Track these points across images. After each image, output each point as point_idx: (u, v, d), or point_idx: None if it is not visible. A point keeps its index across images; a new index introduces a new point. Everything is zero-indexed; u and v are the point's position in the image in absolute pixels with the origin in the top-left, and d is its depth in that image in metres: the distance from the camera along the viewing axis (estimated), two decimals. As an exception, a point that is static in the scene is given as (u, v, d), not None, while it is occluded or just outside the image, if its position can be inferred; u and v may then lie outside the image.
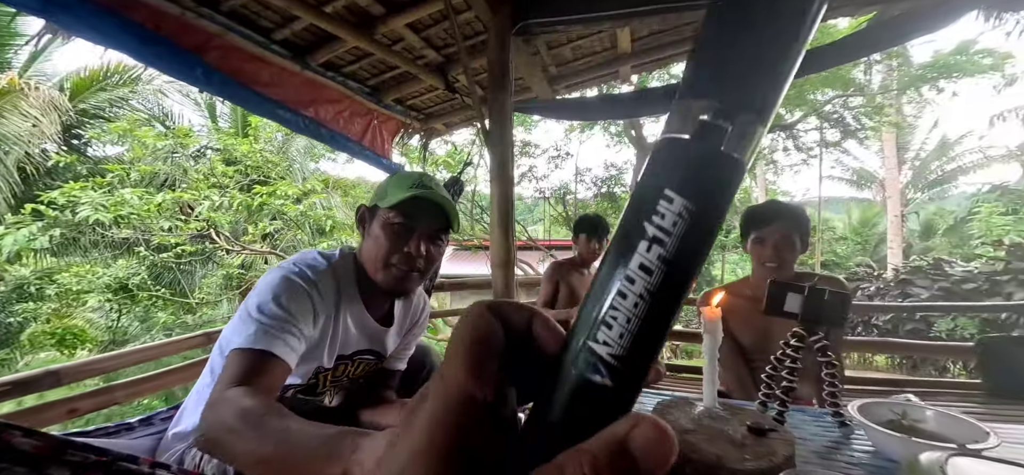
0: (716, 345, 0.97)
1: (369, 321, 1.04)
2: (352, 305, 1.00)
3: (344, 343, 1.01)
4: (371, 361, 1.10)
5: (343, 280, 0.98)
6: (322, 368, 0.97)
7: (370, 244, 0.98)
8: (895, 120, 9.68)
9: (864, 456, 0.97)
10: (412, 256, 0.95)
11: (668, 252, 0.16)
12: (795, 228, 1.42)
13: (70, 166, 6.85)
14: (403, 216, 0.94)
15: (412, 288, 1.02)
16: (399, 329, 1.15)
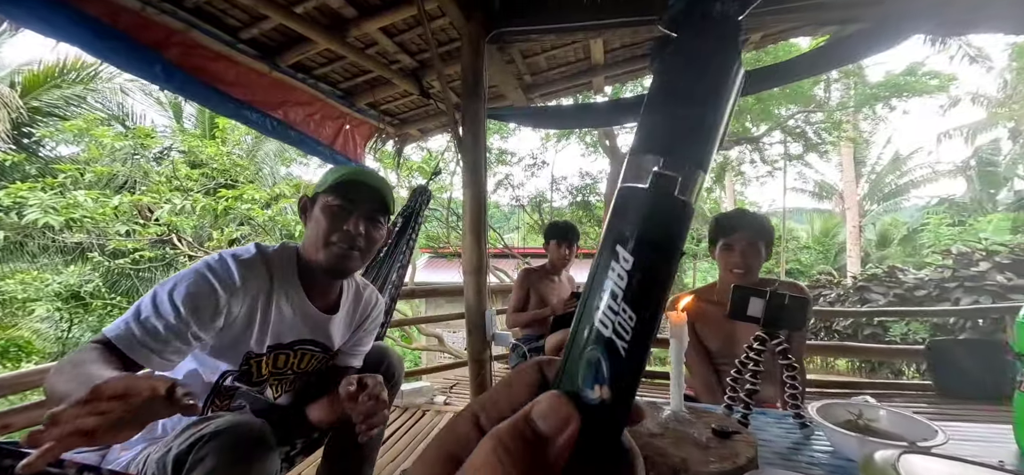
0: (682, 349, 0.99)
1: (310, 309, 1.05)
2: (290, 292, 1.02)
3: (279, 331, 1.01)
4: (317, 353, 1.10)
5: (279, 268, 1.01)
6: (253, 354, 0.98)
7: (311, 228, 1.02)
8: (852, 136, 10.24)
9: (823, 456, 1.00)
10: (351, 235, 1.00)
11: (637, 287, 0.18)
12: (760, 236, 1.47)
13: (18, 166, 6.44)
14: (341, 198, 1.00)
15: (353, 267, 1.05)
16: (347, 321, 1.16)
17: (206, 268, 0.91)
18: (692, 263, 17.99)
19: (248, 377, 1.01)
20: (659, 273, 0.18)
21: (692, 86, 0.19)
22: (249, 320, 0.96)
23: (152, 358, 0.82)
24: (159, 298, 0.85)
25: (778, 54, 5.07)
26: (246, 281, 0.93)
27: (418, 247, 11.27)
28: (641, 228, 0.18)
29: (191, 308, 0.85)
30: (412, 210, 2.10)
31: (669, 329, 0.99)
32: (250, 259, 0.97)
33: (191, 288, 0.87)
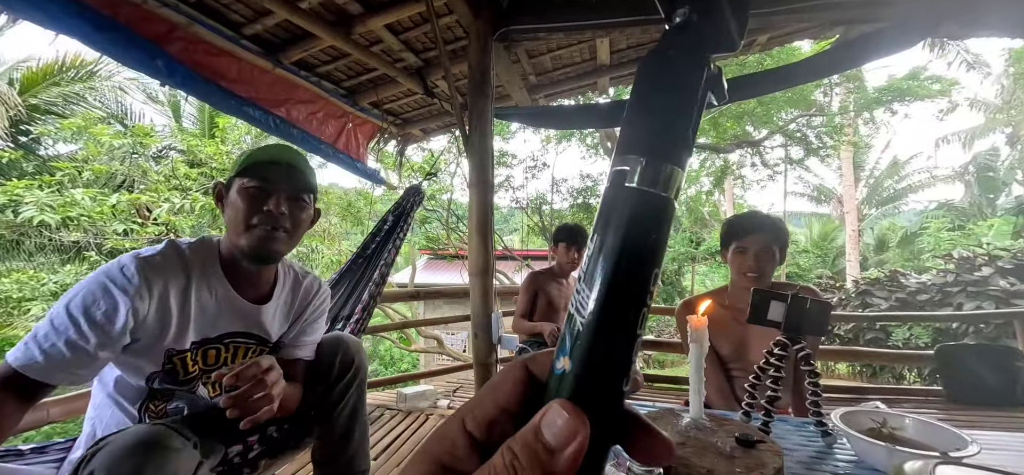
0: (703, 354, 0.96)
1: (237, 300, 1.01)
2: (212, 284, 0.98)
3: (202, 325, 0.97)
4: (252, 345, 1.06)
5: (197, 261, 0.97)
6: (174, 351, 0.94)
7: (229, 214, 0.97)
8: (853, 140, 10.25)
9: (848, 465, 0.96)
10: (273, 215, 0.95)
11: (626, 273, 0.19)
12: (775, 239, 1.44)
13: (15, 163, 6.38)
14: (258, 179, 0.95)
15: (279, 249, 1.00)
16: (285, 310, 1.11)
17: (103, 274, 0.86)
18: (690, 266, 17.99)
19: (174, 376, 0.96)
20: (623, 255, 0.19)
21: (665, 86, 0.21)
22: (162, 317, 0.91)
23: (59, 377, 0.80)
24: (56, 314, 0.82)
25: (781, 58, 5.07)
26: (149, 279, 0.88)
27: (417, 248, 11.24)
28: (624, 223, 0.20)
29: (88, 320, 0.81)
30: (403, 209, 2.05)
31: (689, 333, 0.95)
32: (156, 255, 0.92)
33: (87, 299, 0.83)
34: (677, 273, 18.12)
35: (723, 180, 10.91)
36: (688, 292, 17.38)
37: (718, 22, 0.22)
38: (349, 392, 1.14)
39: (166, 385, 0.96)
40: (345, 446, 1.16)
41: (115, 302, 0.84)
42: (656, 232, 0.20)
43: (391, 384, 3.10)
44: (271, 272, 1.09)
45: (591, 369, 0.19)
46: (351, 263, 1.98)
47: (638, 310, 0.19)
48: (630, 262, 0.19)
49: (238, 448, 1.02)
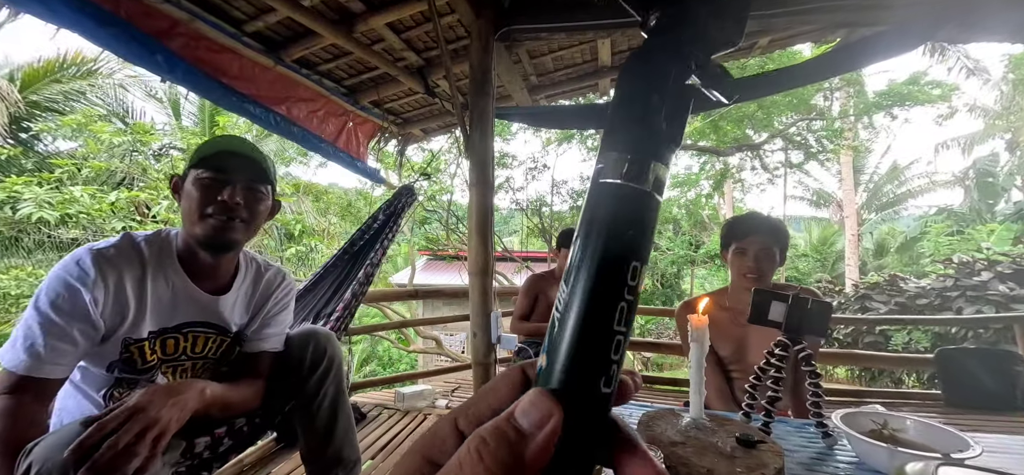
0: (703, 354, 0.95)
1: (194, 290, 1.02)
2: (168, 274, 0.99)
3: (159, 314, 0.98)
4: (211, 334, 1.06)
5: (153, 252, 0.98)
6: (131, 340, 0.95)
7: (184, 204, 0.98)
8: (853, 144, 10.25)
9: (849, 467, 0.96)
10: (229, 205, 0.96)
11: (602, 268, 0.20)
12: (775, 241, 1.43)
13: (14, 160, 6.37)
14: (213, 170, 0.96)
15: (235, 237, 1.00)
16: (245, 302, 1.11)
17: (62, 269, 0.89)
18: (689, 269, 17.99)
19: (132, 365, 0.97)
20: (600, 250, 0.20)
21: (646, 90, 0.21)
22: (119, 307, 0.93)
23: (55, 370, 0.84)
24: (29, 316, 0.85)
25: (782, 61, 5.07)
26: (103, 271, 0.90)
27: (417, 248, 11.23)
28: (611, 219, 0.20)
29: (58, 312, 0.85)
30: (395, 209, 2.04)
31: (690, 333, 0.95)
32: (110, 247, 0.94)
33: (51, 295, 0.85)
34: (676, 276, 18.13)
35: (723, 183, 10.91)
36: (687, 295, 17.38)
37: (695, 23, 0.22)
38: (325, 384, 1.14)
39: (126, 373, 0.97)
40: (329, 439, 1.16)
41: (77, 292, 0.86)
42: (635, 226, 0.20)
43: (389, 383, 3.09)
44: (231, 263, 1.09)
45: (564, 363, 0.19)
46: (337, 259, 1.95)
47: (614, 304, 0.19)
48: (606, 256, 0.19)
49: (206, 440, 1.01)
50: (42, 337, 0.82)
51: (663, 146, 0.21)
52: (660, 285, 17.78)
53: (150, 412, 0.75)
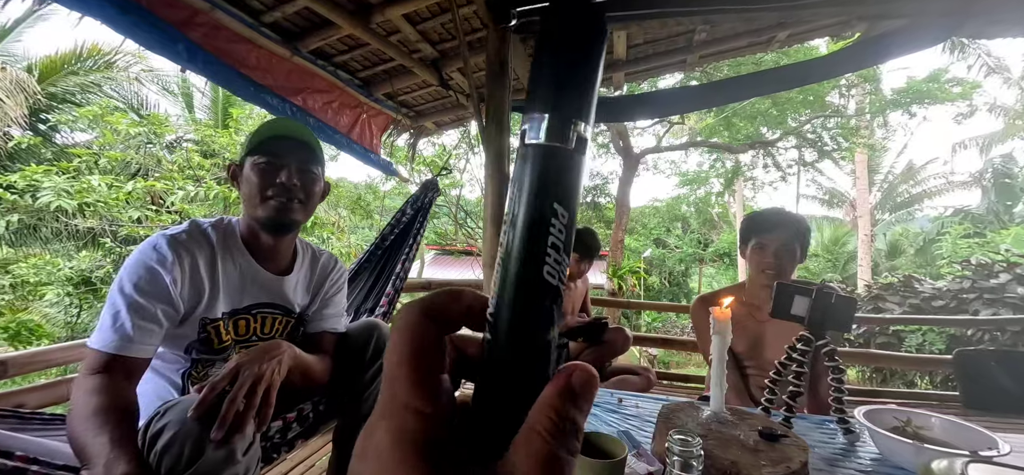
0: (725, 347, 0.95)
1: (261, 273, 1.06)
2: (235, 257, 1.04)
3: (231, 295, 1.03)
4: (278, 315, 1.10)
5: (220, 236, 1.02)
6: (208, 320, 0.99)
7: (246, 190, 1.02)
8: (870, 142, 10.07)
9: (871, 463, 0.95)
10: (287, 187, 1.01)
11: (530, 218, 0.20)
12: (796, 236, 1.41)
13: (34, 150, 6.49)
14: (268, 155, 1.00)
15: (295, 218, 1.04)
16: (305, 283, 1.16)
17: (140, 255, 0.92)
18: (697, 268, 17.86)
19: (209, 344, 1.01)
20: (524, 207, 0.21)
21: (561, 48, 0.21)
22: (195, 288, 0.97)
23: (142, 349, 0.87)
24: (114, 299, 0.88)
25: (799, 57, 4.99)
26: (178, 253, 0.94)
27: (425, 244, 11.27)
28: (538, 176, 0.21)
29: (141, 293, 0.88)
30: (421, 203, 2.07)
31: (712, 325, 0.94)
32: (182, 232, 0.98)
33: (133, 278, 0.89)
34: (684, 274, 18.02)
35: (733, 181, 10.80)
36: (695, 293, 17.27)
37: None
38: (380, 376, 1.15)
39: (203, 354, 1.01)
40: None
41: (158, 274, 0.90)
42: (557, 182, 0.21)
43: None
44: (290, 246, 1.13)
45: (507, 313, 0.20)
46: (369, 255, 1.98)
47: (540, 252, 0.20)
48: (533, 209, 0.21)
49: (278, 424, 1.04)
50: (129, 318, 0.85)
51: (582, 104, 0.21)
52: (668, 283, 17.69)
53: (254, 368, 0.78)
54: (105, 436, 0.72)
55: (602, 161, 9.69)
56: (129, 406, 0.80)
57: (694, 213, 17.36)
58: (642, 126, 9.24)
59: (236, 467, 0.75)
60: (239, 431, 0.73)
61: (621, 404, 1.18)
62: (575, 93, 0.21)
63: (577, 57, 0.21)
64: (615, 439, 0.71)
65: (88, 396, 0.77)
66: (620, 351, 2.49)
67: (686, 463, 0.42)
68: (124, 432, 0.74)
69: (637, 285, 9.49)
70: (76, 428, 0.75)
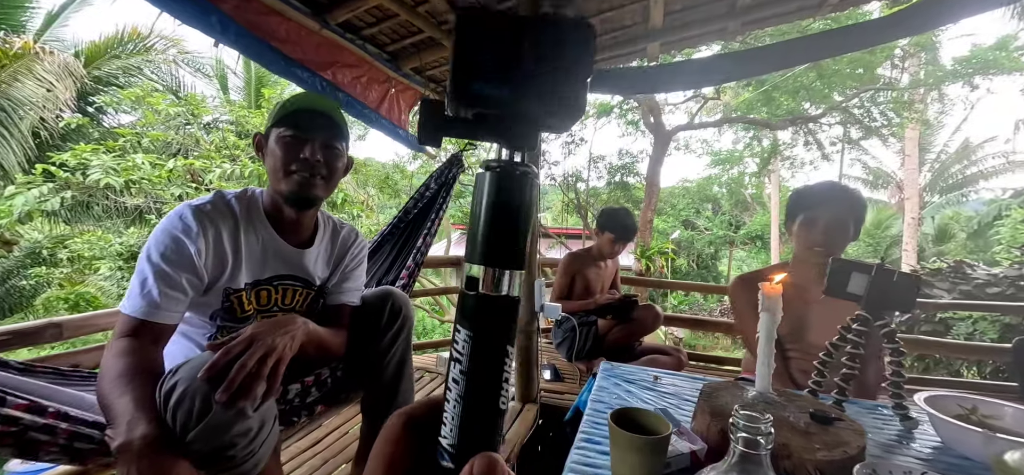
0: (775, 324, 0.89)
1: (282, 245, 1.07)
2: (258, 229, 1.05)
3: (254, 267, 1.04)
4: (299, 287, 1.12)
5: (245, 209, 1.04)
6: (231, 290, 1.01)
7: (270, 162, 1.03)
8: (924, 117, 9.31)
9: (932, 452, 0.88)
10: (310, 162, 1.00)
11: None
12: (849, 211, 1.31)
13: (83, 130, 6.83)
14: (293, 128, 1.00)
15: (317, 193, 1.05)
16: (326, 256, 1.17)
17: (167, 224, 0.94)
18: (727, 250, 17.32)
19: (233, 313, 1.03)
20: (479, 357, 0.25)
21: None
22: (219, 258, 0.98)
23: (169, 315, 0.90)
24: (142, 267, 0.90)
25: (850, 18, 4.63)
26: (203, 224, 0.95)
27: (452, 222, 11.34)
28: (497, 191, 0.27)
29: (168, 262, 0.90)
30: (445, 178, 2.04)
31: (761, 302, 0.89)
32: (206, 203, 0.99)
33: (160, 247, 0.91)
34: (713, 257, 17.54)
35: (770, 160, 10.30)
36: (724, 276, 16.81)
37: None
38: (397, 342, 1.18)
39: (227, 322, 1.03)
40: (393, 394, 1.20)
41: (183, 244, 0.91)
42: (507, 330, 0.26)
43: (433, 348, 3.17)
44: (311, 219, 1.13)
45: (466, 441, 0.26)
46: (392, 228, 1.98)
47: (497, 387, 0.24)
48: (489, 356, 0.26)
49: (297, 387, 1.07)
50: (156, 285, 0.88)
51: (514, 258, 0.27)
52: (696, 265, 17.28)
53: (267, 340, 0.79)
54: (128, 397, 0.74)
55: (631, 139, 9.43)
56: (154, 369, 0.82)
57: (726, 194, 16.78)
58: (674, 101, 8.91)
59: (248, 421, 0.76)
60: (245, 397, 0.74)
61: (657, 382, 1.14)
62: (507, 248, 0.25)
63: (509, 217, 0.26)
64: (658, 416, 0.68)
65: (116, 358, 0.80)
66: (650, 329, 2.44)
67: (753, 441, 0.38)
68: (147, 393, 0.76)
69: (665, 266, 9.29)
70: (103, 388, 0.77)
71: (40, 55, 6.44)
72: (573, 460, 0.76)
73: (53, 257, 6.84)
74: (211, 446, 0.73)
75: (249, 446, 0.77)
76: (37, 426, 0.74)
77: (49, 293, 6.83)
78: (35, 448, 0.74)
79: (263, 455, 0.82)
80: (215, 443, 0.73)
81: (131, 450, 0.68)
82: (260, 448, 0.80)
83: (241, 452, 0.76)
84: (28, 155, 6.46)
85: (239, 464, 0.77)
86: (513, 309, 0.24)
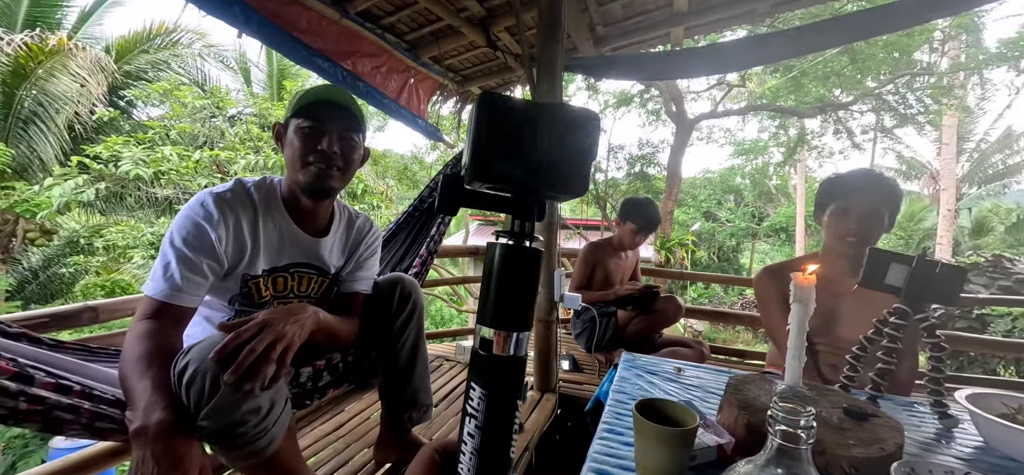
0: (806, 316, 0.86)
1: (299, 234, 1.09)
2: (276, 217, 1.07)
3: (272, 254, 1.06)
4: (314, 275, 1.14)
5: (263, 198, 1.05)
6: (250, 276, 1.03)
7: (289, 153, 1.04)
8: (964, 103, 8.78)
9: (973, 452, 0.84)
10: (327, 154, 1.02)
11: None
12: (885, 201, 1.25)
13: (115, 123, 7.07)
14: (312, 119, 1.01)
15: (333, 185, 1.06)
16: (341, 245, 1.19)
17: (188, 210, 0.96)
18: (750, 243, 16.90)
19: (250, 299, 1.05)
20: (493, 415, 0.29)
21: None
22: (238, 245, 1.00)
23: (189, 298, 0.92)
24: (165, 251, 0.93)
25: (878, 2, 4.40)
26: (223, 211, 0.97)
27: (469, 213, 11.37)
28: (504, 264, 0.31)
29: (189, 247, 0.92)
30: (460, 167, 2.03)
31: (793, 292, 0.86)
32: (228, 190, 1.01)
33: (182, 233, 0.93)
34: (735, 249, 17.14)
35: (796, 150, 9.96)
36: (746, 269, 16.44)
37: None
38: (408, 327, 1.20)
39: (245, 307, 1.06)
40: (408, 378, 1.23)
41: (204, 230, 0.94)
42: (517, 386, 0.30)
43: (451, 337, 3.20)
44: (327, 209, 1.15)
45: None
46: (407, 216, 1.99)
47: (508, 438, 0.27)
48: (500, 414, 0.29)
49: (309, 370, 1.09)
50: (178, 269, 0.90)
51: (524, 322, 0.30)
52: (716, 258, 16.92)
53: (277, 327, 0.81)
54: (147, 381, 0.76)
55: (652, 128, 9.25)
56: (173, 352, 0.84)
57: (749, 185, 16.35)
58: (697, 89, 8.68)
59: (258, 401, 0.78)
60: (252, 380, 0.75)
61: (680, 374, 1.11)
62: (516, 314, 0.28)
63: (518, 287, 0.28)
64: (684, 407, 0.66)
65: (137, 340, 0.83)
66: (672, 320, 2.40)
67: (792, 434, 0.36)
68: (164, 376, 0.78)
69: (686, 258, 9.14)
70: (125, 369, 0.80)
71: (73, 51, 6.67)
72: (595, 451, 0.75)
73: (90, 246, 7.13)
74: (221, 424, 0.75)
75: (260, 424, 0.80)
76: (62, 406, 0.77)
77: (87, 280, 7.13)
78: (59, 425, 0.77)
79: (276, 434, 0.84)
80: (224, 421, 0.75)
81: (146, 434, 0.70)
82: (273, 427, 0.82)
83: (252, 430, 0.78)
84: (64, 148, 6.72)
85: (251, 442, 0.79)
86: (522, 367, 0.27)
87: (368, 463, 1.39)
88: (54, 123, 6.56)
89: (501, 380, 0.27)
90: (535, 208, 0.28)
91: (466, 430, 0.27)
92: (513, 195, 0.28)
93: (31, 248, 7.03)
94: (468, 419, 0.27)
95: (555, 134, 0.26)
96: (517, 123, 0.26)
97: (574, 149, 0.27)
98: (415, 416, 1.28)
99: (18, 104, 6.31)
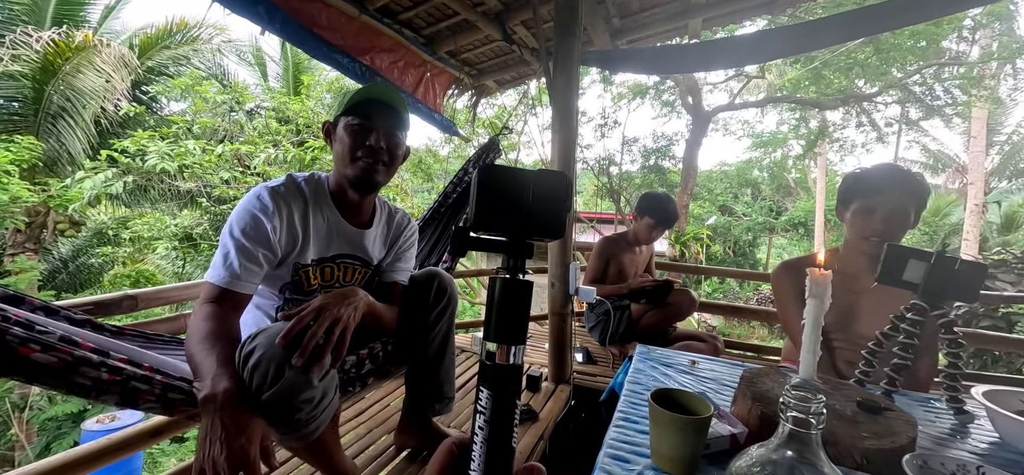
0: (823, 310, 0.87)
1: (345, 226, 1.15)
2: (324, 211, 1.13)
3: (320, 245, 1.12)
4: (358, 266, 1.20)
5: (313, 192, 1.11)
6: (300, 265, 1.09)
7: (338, 148, 1.10)
8: (995, 95, 8.42)
9: (989, 448, 0.85)
10: (374, 150, 1.08)
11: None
12: (911, 200, 1.21)
13: (139, 118, 7.26)
14: (361, 117, 1.07)
15: (379, 179, 1.12)
16: (383, 237, 1.26)
17: (246, 203, 1.02)
18: (767, 237, 16.61)
19: (299, 287, 1.11)
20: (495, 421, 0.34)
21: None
22: (291, 235, 1.06)
23: (247, 286, 0.98)
24: (225, 241, 0.99)
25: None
26: (278, 204, 1.03)
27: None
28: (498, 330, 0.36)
29: (247, 238, 0.98)
30: (482, 163, 2.07)
31: (809, 287, 0.86)
32: (281, 184, 1.07)
33: (241, 224, 0.99)
34: (751, 244, 16.87)
35: (817, 142, 9.73)
36: (763, 264, 16.17)
37: None
38: (442, 320, 1.25)
39: (294, 295, 1.12)
40: (436, 370, 1.27)
41: (260, 222, 1.00)
42: (516, 394, 0.35)
43: (464, 329, 3.24)
44: (370, 203, 1.21)
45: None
46: (433, 212, 2.03)
47: (509, 432, 0.33)
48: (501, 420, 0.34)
49: (352, 359, 1.14)
50: (237, 258, 0.97)
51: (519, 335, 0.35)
52: (732, 253, 16.67)
53: (333, 310, 0.88)
54: (214, 356, 0.83)
55: (666, 121, 9.11)
56: (233, 333, 0.91)
57: (767, 178, 16.04)
58: (714, 81, 8.54)
59: (313, 391, 0.85)
60: (317, 362, 0.82)
61: (695, 366, 1.13)
62: (513, 330, 0.34)
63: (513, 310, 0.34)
64: (699, 398, 0.68)
65: (202, 321, 0.90)
66: (685, 314, 2.40)
67: (803, 420, 0.38)
68: (228, 354, 0.84)
69: (701, 252, 9.05)
70: (192, 347, 0.86)
71: (98, 47, 6.85)
72: (611, 438, 0.78)
73: (117, 237, 7.38)
74: (281, 407, 0.81)
75: (313, 411, 0.86)
76: (137, 376, 0.83)
77: (115, 270, 7.39)
78: (136, 397, 0.83)
79: (323, 421, 0.90)
80: (285, 406, 0.82)
81: (215, 401, 0.76)
82: (322, 414, 0.89)
83: (305, 415, 0.85)
84: (91, 142, 6.94)
85: (303, 426, 0.86)
86: (519, 372, 0.34)
87: (389, 448, 1.44)
88: (82, 118, 6.76)
89: (504, 384, 0.33)
90: (525, 249, 0.36)
91: (477, 424, 0.33)
92: (508, 240, 0.36)
93: (61, 239, 7.31)
94: (478, 415, 0.33)
95: (537, 194, 0.35)
96: (509, 188, 0.35)
97: (552, 206, 0.35)
98: (438, 407, 1.33)
99: (47, 100, 6.51)
